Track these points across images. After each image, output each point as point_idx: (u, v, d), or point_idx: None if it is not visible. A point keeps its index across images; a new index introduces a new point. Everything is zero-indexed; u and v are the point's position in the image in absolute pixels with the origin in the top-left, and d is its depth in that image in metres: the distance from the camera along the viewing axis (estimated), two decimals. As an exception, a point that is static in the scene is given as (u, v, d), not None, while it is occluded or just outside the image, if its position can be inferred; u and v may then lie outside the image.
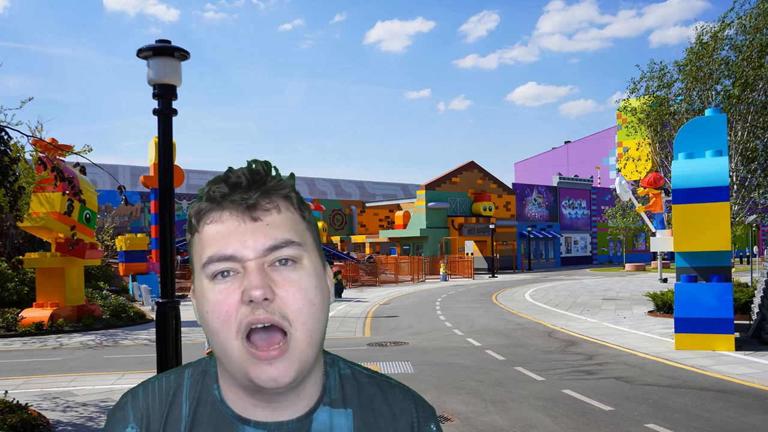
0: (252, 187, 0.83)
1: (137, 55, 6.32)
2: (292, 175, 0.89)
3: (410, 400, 0.96)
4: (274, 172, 0.87)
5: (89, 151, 9.07)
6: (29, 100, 9.64)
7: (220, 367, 0.89)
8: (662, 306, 15.92)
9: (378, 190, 72.21)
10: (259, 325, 0.79)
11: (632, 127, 19.68)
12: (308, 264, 0.84)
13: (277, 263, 0.82)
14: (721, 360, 9.93)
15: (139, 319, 16.57)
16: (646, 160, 21.92)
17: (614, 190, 16.67)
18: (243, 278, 0.80)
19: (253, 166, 0.86)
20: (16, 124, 10.16)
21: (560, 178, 53.09)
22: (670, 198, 11.75)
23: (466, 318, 16.43)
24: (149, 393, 0.91)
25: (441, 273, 34.61)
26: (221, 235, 0.82)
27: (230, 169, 0.87)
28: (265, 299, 0.79)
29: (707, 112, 11.76)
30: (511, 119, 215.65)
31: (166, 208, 6.30)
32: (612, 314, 16.67)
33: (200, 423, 0.88)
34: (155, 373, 0.97)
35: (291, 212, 0.85)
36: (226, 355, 0.81)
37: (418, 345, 12.11)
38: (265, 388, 0.81)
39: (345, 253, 38.80)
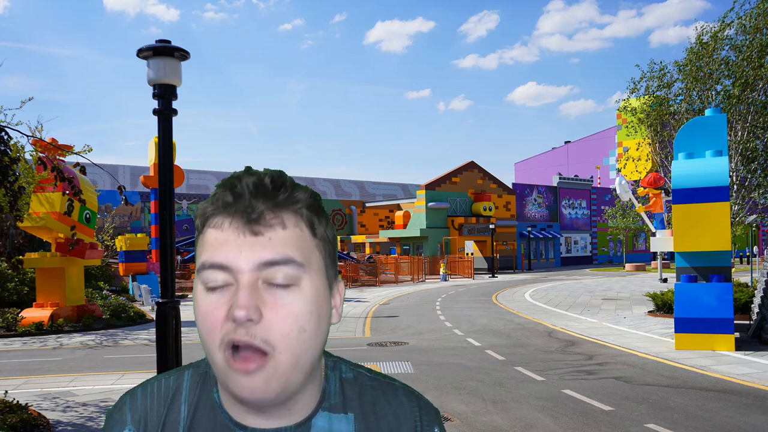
0: (258, 199, 0.79)
1: (137, 55, 6.32)
2: (307, 188, 0.84)
3: (414, 403, 0.94)
4: (287, 185, 0.82)
5: (89, 151, 9.08)
6: (29, 100, 9.65)
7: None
8: (662, 306, 15.92)
9: (378, 190, 72.21)
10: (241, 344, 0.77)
11: (632, 127, 19.67)
12: (307, 287, 0.80)
13: (272, 284, 0.78)
14: (721, 360, 9.93)
15: (139, 319, 16.56)
16: (646, 160, 21.92)
17: (614, 190, 16.67)
18: (234, 293, 0.77)
19: (264, 178, 0.81)
20: (16, 124, 10.18)
21: (560, 178, 53.08)
22: (670, 198, 11.74)
23: (466, 318, 16.42)
24: (148, 394, 0.91)
25: (441, 273, 34.60)
26: (219, 242, 0.79)
27: (247, 170, 0.83)
28: (249, 320, 0.75)
29: (707, 112, 11.75)
30: (511, 119, 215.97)
31: (166, 208, 6.30)
32: (612, 314, 16.67)
33: (198, 426, 0.87)
34: (155, 373, 0.95)
35: (299, 229, 0.81)
36: (212, 363, 0.80)
37: (418, 345, 12.11)
38: (244, 399, 0.79)
39: (345, 253, 38.78)
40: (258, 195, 0.79)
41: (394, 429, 0.91)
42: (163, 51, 6.18)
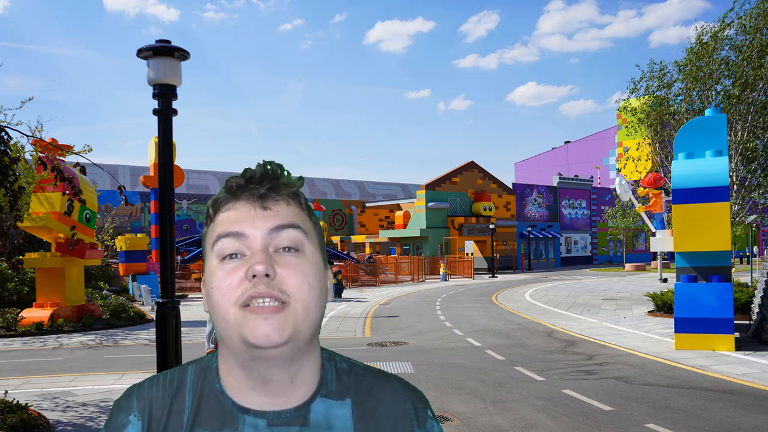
0: (265, 181, 0.93)
1: (137, 55, 6.32)
2: (300, 177, 0.98)
3: (408, 390, 1.01)
4: (285, 173, 0.96)
5: (89, 151, 9.06)
6: (29, 100, 9.62)
7: (221, 352, 0.94)
8: (662, 306, 15.92)
9: (378, 190, 72.22)
10: (260, 300, 0.85)
11: (632, 127, 19.68)
12: (310, 254, 0.92)
13: (280, 250, 0.89)
14: (721, 360, 9.93)
15: (139, 319, 16.57)
16: (646, 160, 21.92)
17: (614, 190, 16.67)
18: (249, 259, 0.88)
19: (267, 166, 0.95)
20: (16, 124, 10.13)
21: (560, 178, 53.08)
22: (670, 198, 11.75)
23: (466, 318, 16.42)
24: (154, 385, 0.97)
25: (441, 273, 34.60)
26: (233, 218, 0.91)
27: (248, 168, 0.96)
28: (267, 275, 0.85)
29: (707, 112, 11.75)
30: (511, 119, 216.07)
31: (166, 208, 6.30)
32: (612, 314, 16.67)
33: (203, 414, 0.93)
34: (155, 373, 1.03)
35: (298, 208, 0.94)
36: (225, 322, 0.87)
37: (418, 345, 12.11)
38: (258, 347, 0.85)
39: (345, 253, 38.78)
40: (264, 178, 0.93)
41: (391, 413, 0.97)
42: (163, 51, 6.19)
